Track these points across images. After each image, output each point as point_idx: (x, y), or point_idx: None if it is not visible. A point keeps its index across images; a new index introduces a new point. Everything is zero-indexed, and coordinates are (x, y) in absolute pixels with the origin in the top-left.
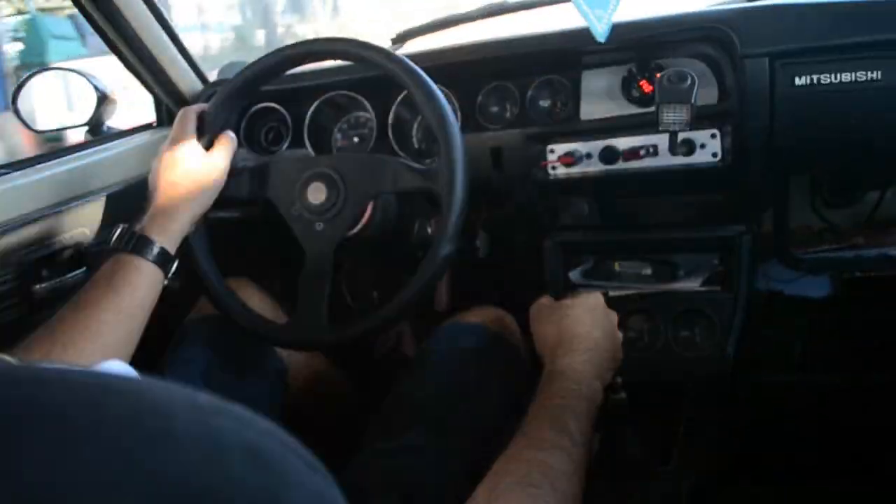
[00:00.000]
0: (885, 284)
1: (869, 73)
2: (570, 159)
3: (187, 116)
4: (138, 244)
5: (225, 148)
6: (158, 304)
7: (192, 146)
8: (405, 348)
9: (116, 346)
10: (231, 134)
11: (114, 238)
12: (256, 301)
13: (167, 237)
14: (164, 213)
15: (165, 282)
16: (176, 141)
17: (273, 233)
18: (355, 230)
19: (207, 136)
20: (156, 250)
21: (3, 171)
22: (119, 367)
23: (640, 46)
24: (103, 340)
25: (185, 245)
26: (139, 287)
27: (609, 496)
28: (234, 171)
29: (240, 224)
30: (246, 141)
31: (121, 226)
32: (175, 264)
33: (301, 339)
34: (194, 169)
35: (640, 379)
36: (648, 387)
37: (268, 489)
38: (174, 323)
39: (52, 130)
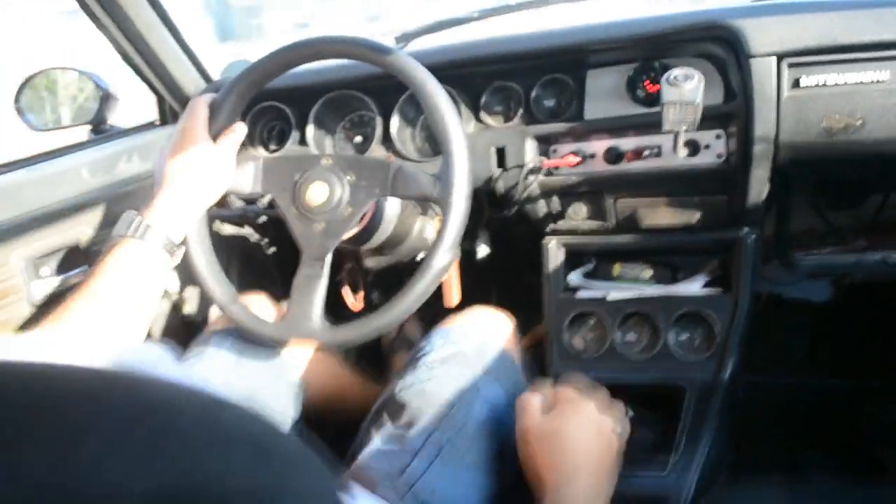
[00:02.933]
0: (887, 288)
1: (876, 74)
2: (574, 159)
3: (198, 106)
4: (145, 232)
5: (233, 140)
6: (173, 312)
7: (201, 136)
8: (408, 332)
9: (128, 333)
10: (240, 126)
11: (121, 224)
12: (255, 301)
13: (174, 225)
14: (171, 201)
15: (172, 268)
16: (186, 130)
17: (274, 233)
18: (354, 231)
19: (216, 128)
20: (163, 238)
21: (4, 168)
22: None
23: (645, 46)
24: (115, 327)
25: (185, 241)
26: (148, 274)
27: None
28: (239, 165)
29: (241, 223)
30: (249, 139)
31: (128, 212)
32: (182, 252)
33: (290, 337)
34: (202, 159)
35: (639, 382)
36: (648, 389)
37: (270, 479)
38: (187, 330)
39: (55, 129)
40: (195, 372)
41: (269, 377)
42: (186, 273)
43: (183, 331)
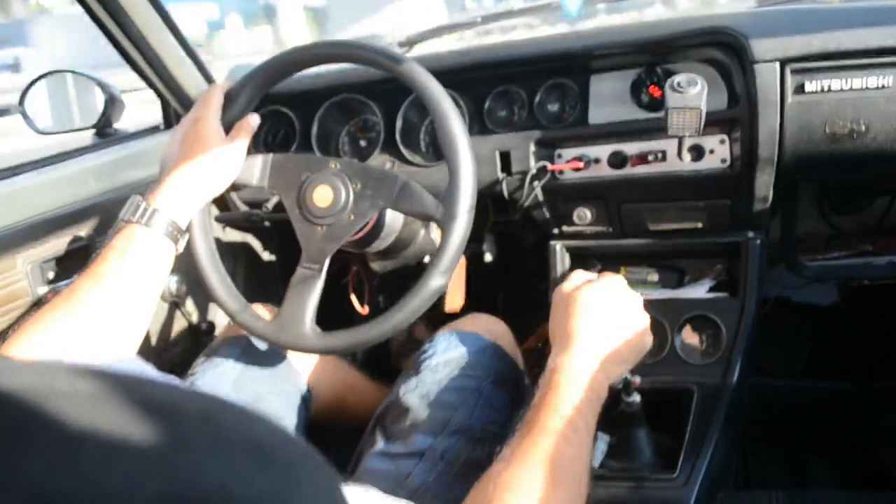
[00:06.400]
0: (893, 291)
1: (880, 80)
2: (578, 163)
3: (214, 94)
4: (151, 217)
5: (246, 131)
6: (178, 318)
7: (214, 124)
8: (418, 335)
9: (133, 319)
10: (254, 117)
11: (127, 209)
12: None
13: (180, 211)
14: (178, 187)
15: (176, 255)
16: (199, 117)
17: (278, 239)
18: (356, 238)
19: (230, 116)
20: (168, 224)
21: (9, 173)
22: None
23: (648, 51)
24: (120, 314)
25: (189, 229)
26: (152, 260)
27: (616, 501)
28: (248, 158)
29: (245, 228)
30: (253, 142)
31: (134, 196)
32: (186, 238)
33: (280, 339)
34: (213, 148)
35: (646, 385)
36: (655, 393)
37: (274, 486)
38: (193, 337)
39: (59, 132)
40: (204, 378)
41: (276, 384)
42: (190, 278)
43: (188, 337)
